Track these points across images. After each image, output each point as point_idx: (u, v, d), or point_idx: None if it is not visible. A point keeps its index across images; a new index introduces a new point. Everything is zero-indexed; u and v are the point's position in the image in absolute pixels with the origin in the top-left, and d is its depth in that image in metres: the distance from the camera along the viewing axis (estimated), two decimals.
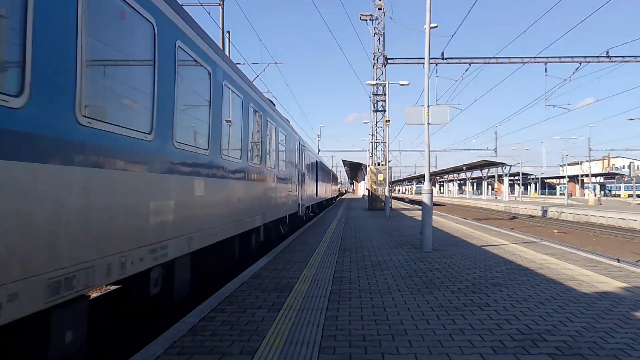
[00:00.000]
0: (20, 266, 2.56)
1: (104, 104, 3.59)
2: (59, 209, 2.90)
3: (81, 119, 3.13)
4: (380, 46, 28.80)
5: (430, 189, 9.64)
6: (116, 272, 3.55)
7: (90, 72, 3.28)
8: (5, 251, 2.44)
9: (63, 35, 2.97)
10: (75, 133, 3.06)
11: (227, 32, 19.01)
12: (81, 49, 3.12)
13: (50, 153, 2.82)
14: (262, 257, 8.60)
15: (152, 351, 3.57)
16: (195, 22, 5.50)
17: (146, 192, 4.09)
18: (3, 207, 2.45)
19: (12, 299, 2.49)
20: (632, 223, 24.52)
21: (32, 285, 2.64)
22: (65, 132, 2.96)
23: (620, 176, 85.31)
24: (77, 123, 3.09)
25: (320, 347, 3.67)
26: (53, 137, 2.86)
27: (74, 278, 3.02)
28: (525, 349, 3.64)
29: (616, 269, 7.25)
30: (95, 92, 3.45)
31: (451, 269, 7.16)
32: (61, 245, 2.92)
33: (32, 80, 2.67)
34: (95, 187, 3.29)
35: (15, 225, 2.52)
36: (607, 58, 28.23)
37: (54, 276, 2.83)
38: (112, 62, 3.80)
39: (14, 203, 2.53)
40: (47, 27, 2.81)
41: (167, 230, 4.47)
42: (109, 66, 3.77)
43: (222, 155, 6.42)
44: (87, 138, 3.20)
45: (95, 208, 3.29)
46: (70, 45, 3.03)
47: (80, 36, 3.12)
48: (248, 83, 8.41)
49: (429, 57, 9.92)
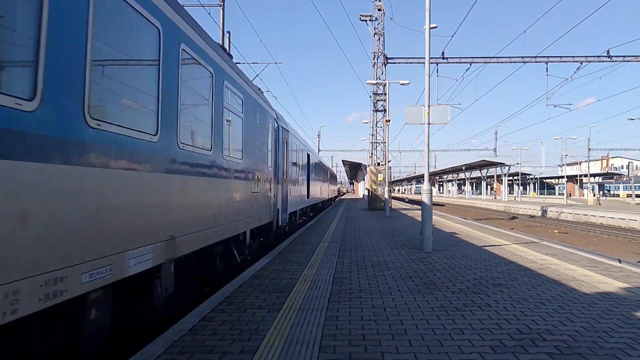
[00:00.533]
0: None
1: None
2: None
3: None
4: (380, 46, 28.83)
5: (430, 189, 9.64)
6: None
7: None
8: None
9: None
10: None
11: (227, 32, 19.04)
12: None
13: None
14: (262, 258, 8.60)
15: (153, 351, 3.58)
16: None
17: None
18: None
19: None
20: (632, 223, 24.54)
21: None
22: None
23: (619, 176, 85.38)
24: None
25: (320, 346, 3.68)
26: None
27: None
28: (525, 348, 3.65)
29: (617, 269, 7.25)
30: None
31: (452, 269, 7.17)
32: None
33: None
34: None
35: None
36: (608, 58, 28.27)
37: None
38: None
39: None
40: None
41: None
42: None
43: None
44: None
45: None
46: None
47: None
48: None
49: (429, 57, 9.93)
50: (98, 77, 3.32)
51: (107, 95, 3.58)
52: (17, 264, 2.54)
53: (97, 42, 3.27)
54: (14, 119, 2.51)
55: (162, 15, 4.37)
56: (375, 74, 28.69)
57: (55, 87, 2.82)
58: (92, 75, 3.21)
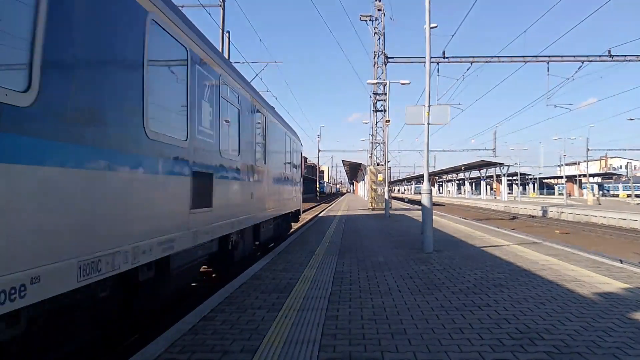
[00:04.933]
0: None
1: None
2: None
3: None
4: (380, 45, 28.85)
5: (430, 189, 9.63)
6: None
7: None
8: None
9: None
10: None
11: (227, 32, 19.06)
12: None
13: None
14: (262, 258, 8.62)
15: (153, 350, 3.59)
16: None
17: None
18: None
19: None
20: (633, 223, 24.53)
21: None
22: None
23: (617, 176, 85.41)
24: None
25: (320, 345, 3.69)
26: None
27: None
28: (524, 347, 3.66)
29: (619, 269, 7.25)
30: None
31: (452, 270, 7.18)
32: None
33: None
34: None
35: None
36: (609, 57, 28.27)
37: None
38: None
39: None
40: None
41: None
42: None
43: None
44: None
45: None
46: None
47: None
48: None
49: (429, 57, 9.93)
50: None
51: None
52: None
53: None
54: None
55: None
56: (376, 73, 28.71)
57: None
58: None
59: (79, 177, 3.14)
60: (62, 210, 2.98)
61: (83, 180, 3.20)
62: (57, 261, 2.87)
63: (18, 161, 2.60)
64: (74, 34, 3.16)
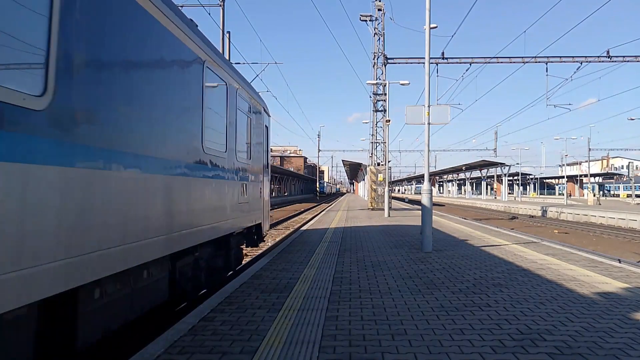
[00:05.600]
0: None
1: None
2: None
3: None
4: (380, 46, 28.84)
5: (430, 189, 9.63)
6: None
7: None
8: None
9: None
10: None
11: (227, 32, 19.05)
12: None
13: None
14: (262, 258, 8.60)
15: (152, 350, 3.58)
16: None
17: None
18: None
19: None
20: (632, 223, 24.53)
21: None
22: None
23: (619, 176, 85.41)
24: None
25: (320, 346, 3.68)
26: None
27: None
28: (525, 348, 3.65)
29: (617, 269, 7.25)
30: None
31: (452, 270, 7.17)
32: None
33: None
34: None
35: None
36: (607, 58, 28.31)
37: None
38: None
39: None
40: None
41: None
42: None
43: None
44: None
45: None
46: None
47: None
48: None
49: (429, 57, 9.93)
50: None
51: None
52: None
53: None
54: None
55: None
56: (375, 74, 28.70)
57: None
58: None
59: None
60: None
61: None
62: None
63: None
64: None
